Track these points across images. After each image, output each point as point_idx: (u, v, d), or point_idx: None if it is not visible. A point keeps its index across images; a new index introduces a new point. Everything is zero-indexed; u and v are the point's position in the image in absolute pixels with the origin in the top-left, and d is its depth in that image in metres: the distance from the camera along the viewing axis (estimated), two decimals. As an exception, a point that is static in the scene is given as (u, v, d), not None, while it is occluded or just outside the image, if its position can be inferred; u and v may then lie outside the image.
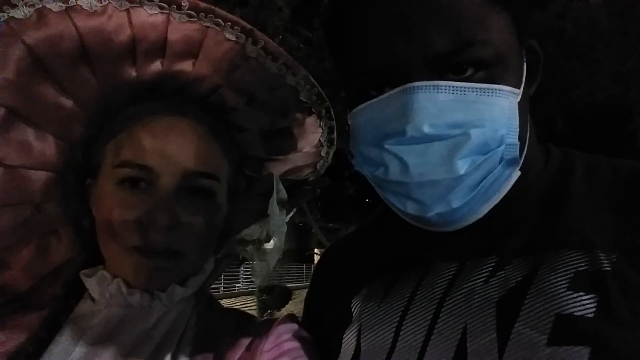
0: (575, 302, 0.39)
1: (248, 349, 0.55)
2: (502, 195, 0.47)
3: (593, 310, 0.38)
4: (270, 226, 0.61)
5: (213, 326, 0.58)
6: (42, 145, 0.54)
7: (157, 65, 0.54)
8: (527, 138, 0.49)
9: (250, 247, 0.62)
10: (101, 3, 0.47)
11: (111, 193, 0.54)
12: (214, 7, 0.51)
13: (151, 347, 0.53)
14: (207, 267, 0.61)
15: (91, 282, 0.56)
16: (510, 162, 0.46)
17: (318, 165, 0.70)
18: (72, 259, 0.60)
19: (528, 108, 0.50)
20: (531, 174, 0.50)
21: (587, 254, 0.41)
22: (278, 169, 0.67)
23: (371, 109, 0.47)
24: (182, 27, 0.51)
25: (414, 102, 0.43)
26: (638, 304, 0.37)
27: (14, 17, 0.46)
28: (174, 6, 0.49)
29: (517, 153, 0.46)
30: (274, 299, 9.86)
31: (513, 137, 0.45)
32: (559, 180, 0.49)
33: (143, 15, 0.49)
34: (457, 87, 0.43)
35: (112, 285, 0.54)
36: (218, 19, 0.51)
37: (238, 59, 0.55)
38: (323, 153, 0.69)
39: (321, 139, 0.67)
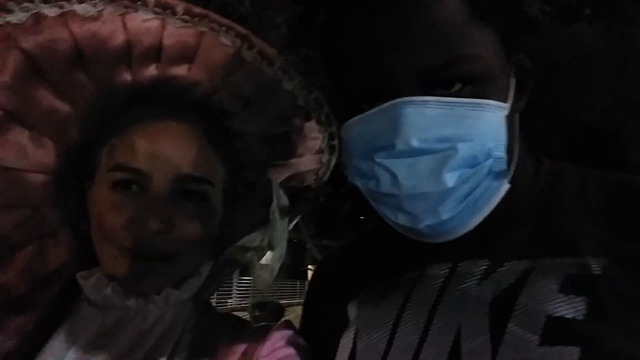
0: (566, 304, 0.40)
1: (244, 354, 0.55)
2: (491, 208, 0.48)
3: (583, 312, 0.39)
4: (272, 233, 0.61)
5: (209, 331, 0.58)
6: (38, 148, 0.55)
7: (152, 69, 0.55)
8: (516, 151, 0.51)
9: (251, 254, 0.62)
10: (96, 8, 0.48)
11: (104, 196, 0.54)
12: (208, 11, 0.52)
13: (146, 350, 0.53)
14: (203, 270, 0.61)
15: (88, 284, 0.56)
16: (499, 175, 0.47)
17: (320, 172, 0.70)
18: (70, 261, 0.60)
19: (517, 121, 0.51)
20: (522, 184, 0.51)
21: (578, 260, 0.43)
22: (278, 175, 0.67)
23: (362, 122, 0.49)
24: (178, 32, 0.52)
25: (403, 117, 0.44)
26: (627, 306, 0.39)
27: (9, 22, 0.47)
28: (169, 11, 0.50)
29: (505, 166, 0.47)
30: (266, 315, 9.74)
31: (500, 151, 0.47)
32: (550, 190, 0.51)
33: (138, 20, 0.50)
34: (445, 102, 0.44)
35: (108, 289, 0.54)
36: (213, 24, 0.52)
37: (234, 63, 0.55)
38: (324, 160, 0.69)
39: (322, 145, 0.67)
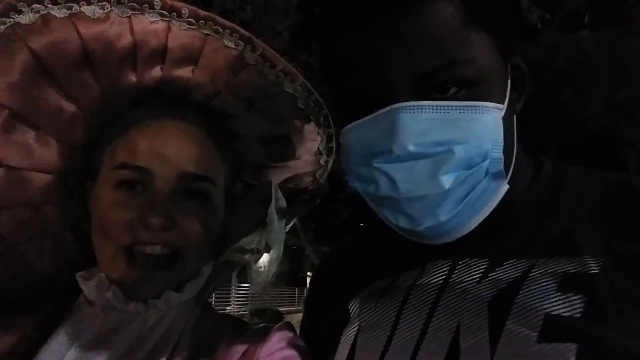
0: (564, 302, 0.41)
1: (244, 355, 0.55)
2: (491, 208, 0.48)
3: (581, 310, 0.40)
4: (269, 235, 0.61)
5: (209, 332, 0.58)
6: (43, 148, 0.55)
7: (157, 71, 0.55)
8: (514, 152, 0.50)
9: (248, 256, 0.62)
10: (104, 10, 0.49)
11: (108, 195, 0.54)
12: (213, 15, 0.53)
13: (146, 351, 0.53)
14: (205, 271, 0.60)
15: (89, 285, 0.55)
16: (496, 176, 0.47)
17: (317, 174, 0.71)
18: (68, 263, 0.60)
19: (514, 123, 0.51)
20: (521, 184, 0.52)
21: (576, 259, 0.43)
22: (277, 177, 0.67)
23: (360, 128, 0.49)
24: (182, 35, 0.52)
25: (399, 122, 0.44)
26: (625, 305, 0.39)
27: (19, 22, 0.47)
28: (175, 14, 0.51)
29: (502, 166, 0.47)
30: (265, 322, 9.73)
31: (498, 152, 0.47)
32: (549, 191, 0.51)
33: (144, 23, 0.50)
34: (440, 106, 0.45)
35: (109, 292, 0.54)
36: (217, 27, 0.53)
37: (237, 65, 0.56)
38: (322, 161, 0.69)
39: (320, 146, 0.67)
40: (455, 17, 0.45)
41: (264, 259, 0.62)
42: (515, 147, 0.51)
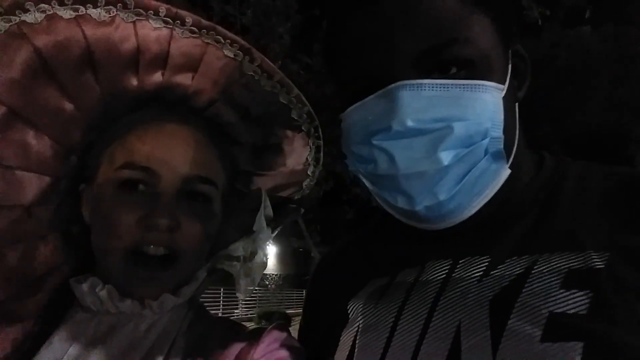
0: (568, 300, 0.39)
1: (238, 357, 0.55)
2: (491, 193, 0.48)
3: (586, 307, 0.38)
4: (256, 242, 0.62)
5: (204, 334, 0.58)
6: (39, 148, 0.54)
7: (158, 76, 0.56)
8: (516, 138, 0.50)
9: (235, 263, 0.62)
10: (109, 14, 0.49)
11: (111, 195, 0.54)
12: (215, 25, 0.54)
13: (141, 354, 0.53)
14: (200, 275, 0.61)
15: (81, 288, 0.55)
16: (496, 156, 0.47)
17: (304, 183, 0.71)
18: (58, 267, 0.59)
19: (516, 109, 0.51)
20: (523, 178, 0.51)
21: (580, 254, 0.42)
22: (265, 185, 0.68)
23: (360, 109, 0.49)
24: (184, 42, 0.53)
25: (399, 99, 0.44)
26: (631, 300, 0.38)
27: (25, 20, 0.47)
28: (178, 22, 0.52)
29: (502, 146, 0.46)
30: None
31: (497, 131, 0.46)
32: (551, 185, 0.50)
33: (148, 28, 0.51)
34: (440, 84, 0.44)
35: (103, 292, 0.53)
36: (219, 37, 0.54)
37: (235, 75, 0.57)
38: (309, 172, 0.70)
39: (308, 157, 0.68)
40: None
41: (251, 266, 0.62)
42: (517, 134, 0.50)
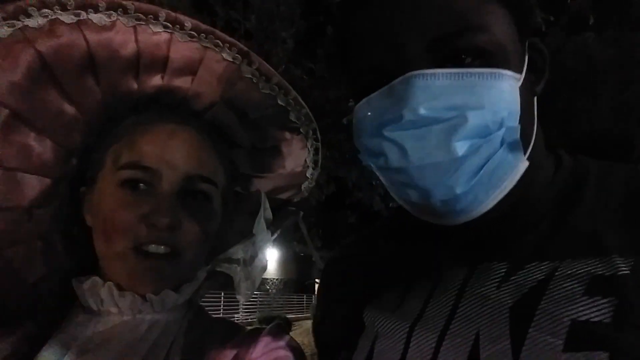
0: (592, 307, 0.38)
1: (236, 357, 0.56)
2: (510, 186, 0.46)
3: (610, 315, 0.37)
4: (256, 245, 0.62)
5: (202, 335, 0.59)
6: (41, 150, 0.55)
7: (157, 79, 0.57)
8: (534, 132, 0.48)
9: (235, 266, 0.62)
10: (110, 19, 0.50)
11: (112, 194, 0.55)
12: (214, 29, 0.55)
13: (141, 354, 0.53)
14: (200, 275, 0.61)
15: (83, 288, 0.56)
16: (512, 146, 0.45)
17: (302, 186, 0.72)
18: (59, 269, 0.60)
19: (534, 103, 0.49)
20: (541, 176, 0.50)
21: (604, 259, 0.40)
22: (264, 187, 0.69)
23: (372, 101, 0.48)
24: (184, 46, 0.54)
25: (411, 88, 0.43)
26: None
27: (28, 25, 0.48)
28: (177, 26, 0.52)
29: (518, 136, 0.45)
30: (273, 330, 9.67)
31: (514, 121, 0.44)
32: (571, 187, 0.49)
33: (148, 33, 0.52)
34: (454, 73, 0.43)
35: (104, 289, 0.54)
36: (217, 40, 0.55)
37: (234, 78, 0.58)
38: (308, 174, 0.71)
39: (307, 159, 0.69)
40: None
41: (250, 269, 0.62)
42: (535, 129, 0.49)
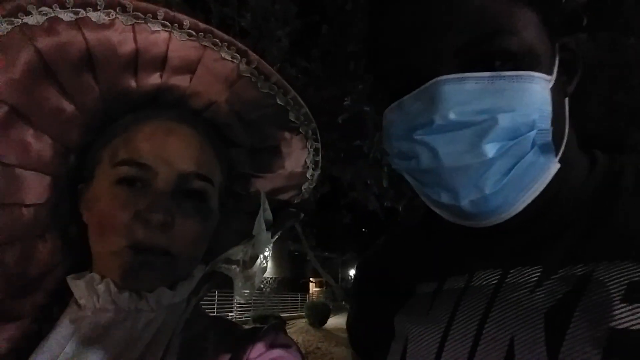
0: (631, 315, 0.37)
1: (234, 356, 0.55)
2: (540, 188, 0.46)
3: None
4: (256, 246, 0.62)
5: (200, 334, 0.59)
6: (39, 147, 0.55)
7: (156, 78, 0.57)
8: (566, 133, 0.48)
9: (234, 267, 0.62)
10: (109, 17, 0.50)
11: (108, 192, 0.55)
12: (212, 27, 0.55)
13: (138, 352, 0.53)
14: (197, 273, 0.61)
15: (79, 285, 0.55)
16: (544, 149, 0.45)
17: (303, 187, 0.71)
18: (56, 266, 0.60)
19: (566, 104, 0.49)
20: (574, 177, 0.49)
21: None
22: (263, 187, 0.68)
23: (402, 105, 0.48)
24: (182, 45, 0.54)
25: (441, 93, 0.44)
26: None
27: (27, 23, 0.48)
28: (176, 25, 0.53)
29: (550, 138, 0.45)
30: (267, 328, 9.65)
31: (545, 123, 0.44)
32: (606, 187, 0.47)
33: (147, 31, 0.52)
34: (485, 77, 0.43)
35: (101, 285, 0.54)
36: (216, 39, 0.55)
37: (232, 77, 0.58)
38: (308, 175, 0.70)
39: (307, 160, 0.68)
40: None
41: (250, 270, 0.62)
42: (567, 130, 0.48)
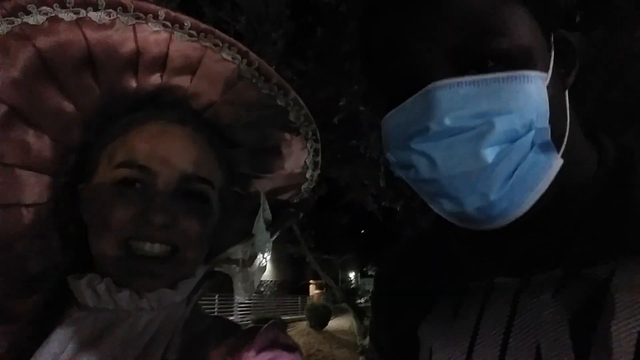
0: None
1: (233, 355, 0.55)
2: (545, 186, 0.44)
3: None
4: (255, 245, 0.62)
5: (199, 333, 0.58)
6: (39, 147, 0.55)
7: (156, 78, 0.57)
8: (567, 128, 0.47)
9: (234, 266, 0.62)
10: (110, 17, 0.50)
11: (107, 193, 0.55)
12: (213, 28, 0.55)
13: (138, 351, 0.53)
14: (198, 272, 0.61)
15: (80, 284, 0.55)
16: (544, 147, 0.44)
17: (302, 187, 0.72)
18: (56, 267, 0.60)
19: (565, 97, 0.48)
20: (582, 171, 0.48)
21: None
22: (264, 188, 0.69)
23: (398, 114, 0.47)
24: (183, 45, 0.54)
25: (436, 100, 0.43)
26: None
27: (27, 22, 0.48)
28: (177, 25, 0.52)
29: (549, 137, 0.44)
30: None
31: (543, 122, 0.43)
32: (618, 179, 0.46)
33: (148, 31, 0.52)
34: (478, 80, 0.42)
35: (102, 285, 0.54)
36: (217, 40, 0.55)
37: (233, 78, 0.58)
38: (308, 175, 0.70)
39: (307, 160, 0.69)
40: None
41: (250, 270, 0.62)
42: (567, 123, 0.47)
